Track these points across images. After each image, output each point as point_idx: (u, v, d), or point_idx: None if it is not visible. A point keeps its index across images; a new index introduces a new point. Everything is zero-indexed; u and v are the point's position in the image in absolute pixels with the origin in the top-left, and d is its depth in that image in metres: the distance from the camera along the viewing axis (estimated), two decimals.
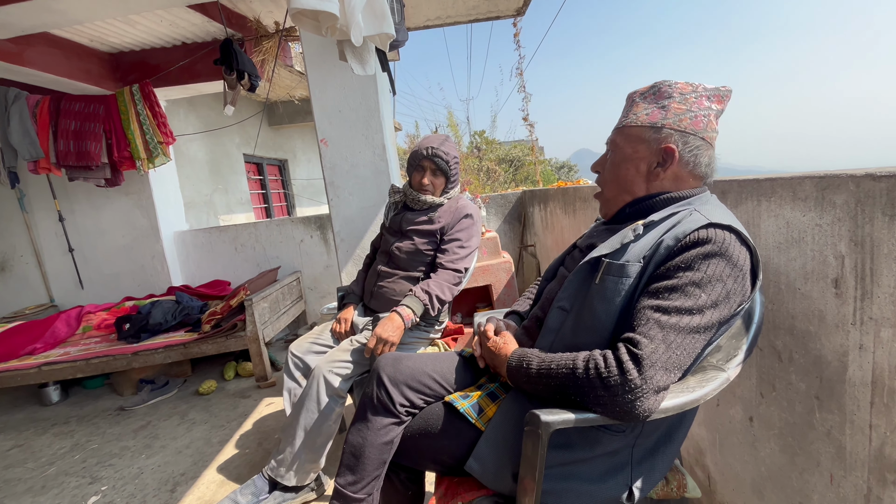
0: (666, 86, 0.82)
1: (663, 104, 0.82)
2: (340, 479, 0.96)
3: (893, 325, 0.69)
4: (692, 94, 0.81)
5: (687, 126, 0.80)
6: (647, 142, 0.82)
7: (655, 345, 0.67)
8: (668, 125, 0.81)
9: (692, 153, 0.81)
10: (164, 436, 2.10)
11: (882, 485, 0.75)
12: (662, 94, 0.82)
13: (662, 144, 0.81)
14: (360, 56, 1.72)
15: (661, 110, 0.81)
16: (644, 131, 0.83)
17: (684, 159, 0.81)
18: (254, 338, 2.50)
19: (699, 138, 0.81)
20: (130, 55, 3.14)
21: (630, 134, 0.85)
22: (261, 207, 5.79)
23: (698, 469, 1.31)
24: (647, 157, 0.83)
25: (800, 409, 0.91)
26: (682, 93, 0.81)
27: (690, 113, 0.81)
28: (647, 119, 0.82)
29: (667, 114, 0.81)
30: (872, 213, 0.71)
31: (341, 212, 2.31)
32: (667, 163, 0.82)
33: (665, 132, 0.81)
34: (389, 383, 0.95)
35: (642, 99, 0.85)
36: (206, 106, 4.48)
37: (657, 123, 0.81)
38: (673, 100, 0.81)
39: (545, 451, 0.70)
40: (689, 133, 0.81)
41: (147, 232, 3.38)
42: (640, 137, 0.83)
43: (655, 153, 0.82)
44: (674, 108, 0.81)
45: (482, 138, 12.43)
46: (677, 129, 0.81)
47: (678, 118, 0.81)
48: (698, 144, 0.81)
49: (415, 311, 1.42)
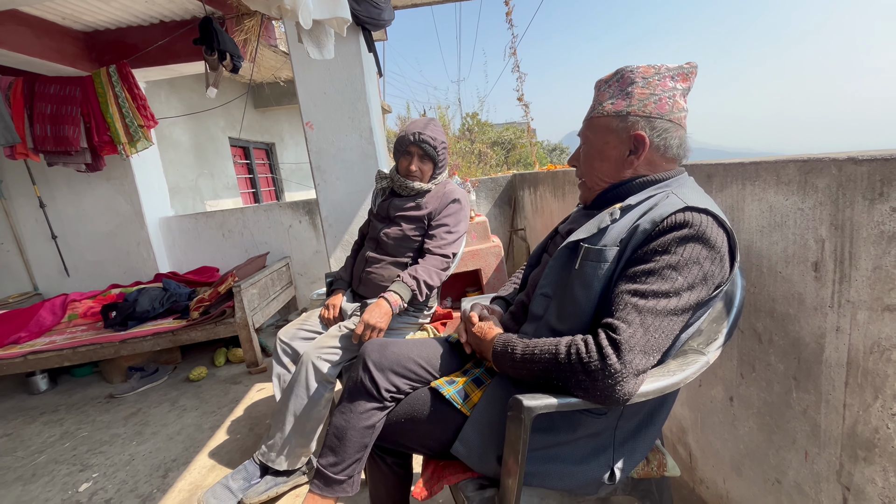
0: (628, 71, 0.81)
1: (627, 90, 0.81)
2: (322, 459, 0.97)
3: (869, 308, 0.71)
4: (655, 76, 0.80)
5: (652, 111, 0.80)
6: (615, 131, 0.82)
7: (633, 329, 0.67)
8: (633, 112, 0.80)
9: (661, 137, 0.80)
10: (155, 422, 2.10)
11: (853, 461, 0.77)
12: (626, 81, 0.81)
13: (631, 132, 0.81)
14: (316, 39, 1.66)
15: (626, 97, 0.81)
16: (611, 121, 0.82)
17: (654, 144, 0.81)
18: (243, 324, 2.49)
19: (666, 121, 0.80)
20: (106, 34, 3.01)
21: (598, 125, 0.84)
22: (248, 192, 5.70)
23: (680, 447, 1.35)
24: (618, 147, 0.83)
25: (778, 389, 0.93)
26: (645, 77, 0.80)
27: (654, 97, 0.79)
28: (612, 108, 0.82)
29: (631, 100, 0.80)
30: (853, 197, 0.71)
31: (329, 197, 2.28)
32: (639, 150, 0.81)
33: (631, 119, 0.80)
34: (375, 369, 0.95)
35: (607, 87, 0.84)
36: (188, 88, 4.35)
37: (622, 111, 0.81)
38: (636, 85, 0.80)
39: (528, 434, 0.71)
40: (655, 117, 0.80)
41: (131, 218, 3.32)
42: (608, 128, 0.83)
43: (625, 142, 0.82)
44: (637, 94, 0.80)
45: (475, 120, 12.29)
46: (643, 115, 0.80)
47: (642, 104, 0.80)
48: (666, 127, 0.80)
49: (402, 296, 1.41)
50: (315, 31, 1.64)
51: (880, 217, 0.67)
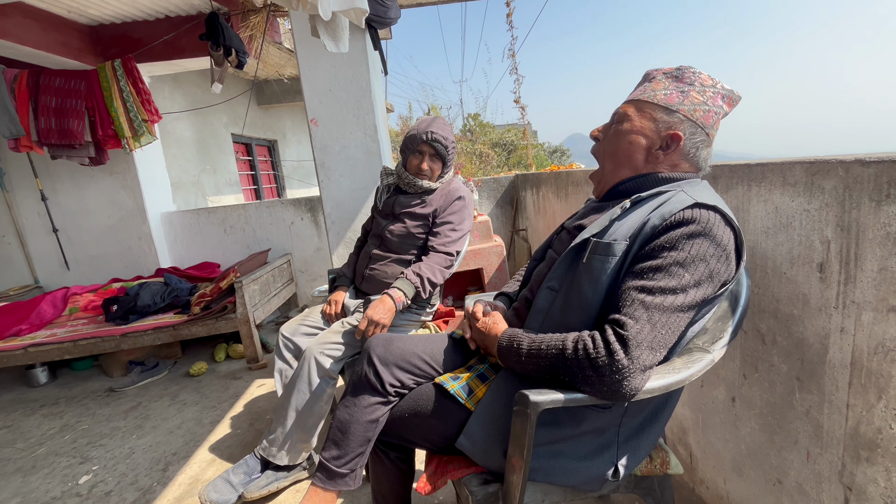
0: (690, 72, 0.82)
1: (683, 89, 0.81)
2: (326, 452, 0.98)
3: (874, 309, 0.71)
4: (711, 88, 0.81)
5: (699, 118, 0.81)
6: (657, 121, 0.82)
7: (640, 325, 0.68)
8: (682, 111, 0.81)
9: (695, 145, 0.82)
10: (155, 416, 2.10)
11: (856, 462, 0.78)
12: (685, 80, 0.82)
13: (671, 130, 0.81)
14: (332, 32, 1.67)
15: (680, 94, 0.81)
16: (657, 110, 0.82)
17: (686, 149, 0.82)
18: (244, 320, 2.49)
19: (705, 133, 0.82)
20: (111, 28, 3.01)
21: (644, 109, 0.84)
22: (250, 189, 5.70)
23: (681, 447, 1.35)
24: (652, 137, 0.83)
25: (780, 389, 0.93)
26: (703, 84, 0.81)
27: (705, 106, 0.81)
28: (664, 98, 0.82)
29: (684, 99, 0.81)
30: (860, 199, 0.72)
31: (332, 194, 2.29)
32: (670, 148, 0.82)
33: (677, 118, 0.81)
34: (379, 363, 0.95)
35: (664, 77, 0.84)
36: (192, 83, 4.35)
37: (672, 106, 0.81)
38: (693, 88, 0.81)
39: (533, 430, 0.71)
40: (699, 125, 0.81)
41: (133, 212, 3.32)
42: (652, 116, 0.82)
43: (662, 136, 0.82)
44: (692, 97, 0.81)
45: (476, 121, 12.30)
46: (689, 118, 0.81)
47: (693, 107, 0.80)
48: (703, 139, 0.82)
49: (406, 293, 1.42)
50: (332, 23, 1.65)
51: (887, 218, 0.68)
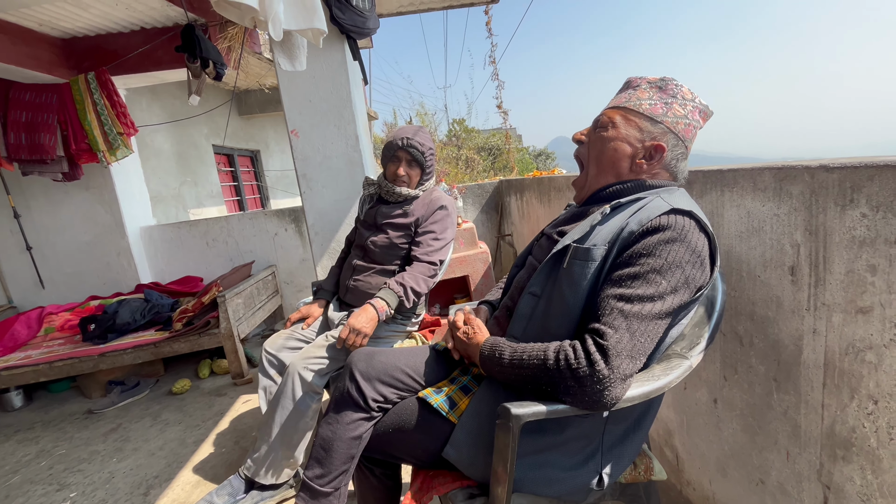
0: (673, 84, 0.83)
1: (667, 101, 0.83)
2: (309, 471, 0.96)
3: (843, 311, 0.73)
4: (691, 102, 0.83)
5: (681, 131, 0.82)
6: (641, 131, 0.83)
7: (620, 334, 0.68)
8: (666, 123, 0.82)
9: (675, 157, 0.83)
10: (136, 438, 2.04)
11: (833, 460, 0.79)
12: (668, 91, 0.83)
13: (655, 140, 0.82)
14: (288, 51, 1.65)
15: (664, 105, 0.82)
16: (642, 119, 0.83)
17: (667, 160, 0.83)
18: (228, 335, 2.44)
19: (684, 146, 0.83)
20: (85, 41, 2.95)
21: (629, 117, 0.84)
22: (233, 200, 5.62)
23: (667, 450, 1.36)
24: (636, 146, 0.84)
25: (759, 390, 0.95)
26: (685, 98, 0.83)
27: (686, 120, 0.82)
28: (649, 108, 0.83)
29: (668, 111, 0.82)
30: (826, 204, 0.74)
31: (315, 204, 2.27)
32: (653, 158, 0.83)
33: (660, 128, 0.82)
34: (362, 378, 0.94)
35: (649, 86, 0.85)
36: (170, 95, 4.29)
37: (657, 117, 0.82)
38: (676, 100, 0.82)
39: (516, 443, 0.71)
40: (681, 138, 0.82)
41: (111, 228, 3.24)
42: (637, 124, 0.83)
43: (646, 146, 0.83)
44: (675, 109, 0.82)
45: (461, 127, 12.35)
46: (672, 131, 0.82)
47: (676, 120, 0.82)
48: (682, 151, 0.83)
49: (389, 303, 1.41)
50: (287, 42, 1.63)
51: (851, 222, 0.69)
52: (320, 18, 1.51)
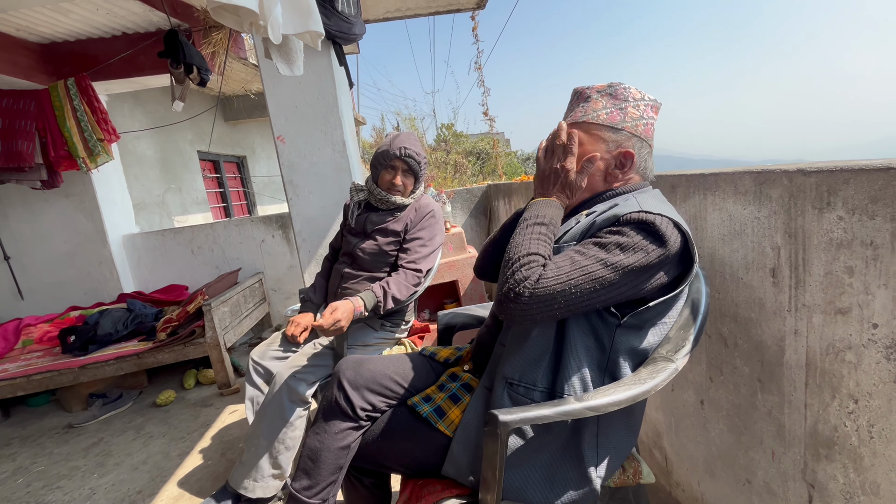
0: (622, 88, 0.83)
1: (621, 106, 0.82)
2: (296, 483, 0.94)
3: (823, 311, 0.74)
4: (642, 101, 0.83)
5: (641, 132, 0.83)
6: (606, 142, 0.83)
7: (558, 271, 0.71)
8: (626, 128, 0.82)
9: (643, 159, 0.84)
10: (119, 452, 1.98)
11: (816, 459, 0.80)
12: (619, 96, 0.83)
13: (622, 148, 0.82)
14: (286, 55, 1.64)
15: (620, 111, 0.82)
16: (604, 130, 0.83)
17: (637, 164, 0.84)
18: (214, 344, 2.40)
19: (648, 145, 0.84)
20: (65, 46, 2.90)
21: (591, 131, 0.83)
22: (219, 207, 5.55)
23: (656, 451, 1.37)
24: (607, 158, 0.84)
25: (744, 391, 0.96)
26: (635, 98, 0.83)
27: (643, 120, 0.83)
28: (607, 118, 0.82)
29: (625, 116, 0.82)
30: (804, 207, 0.75)
31: (302, 211, 2.25)
32: (625, 166, 0.83)
33: (623, 135, 0.82)
34: (350, 387, 0.93)
35: (600, 95, 0.84)
36: (153, 100, 4.23)
37: (617, 125, 0.82)
38: (629, 103, 0.83)
39: (505, 449, 0.71)
40: (643, 139, 0.83)
41: (92, 236, 3.17)
42: (601, 136, 0.83)
43: (614, 156, 0.83)
44: (630, 112, 0.82)
45: (450, 131, 12.38)
46: (634, 134, 0.82)
47: (634, 123, 0.82)
48: (647, 150, 0.84)
49: (366, 304, 1.37)
50: (284, 46, 1.62)
51: (829, 225, 0.71)
52: (316, 21, 1.51)
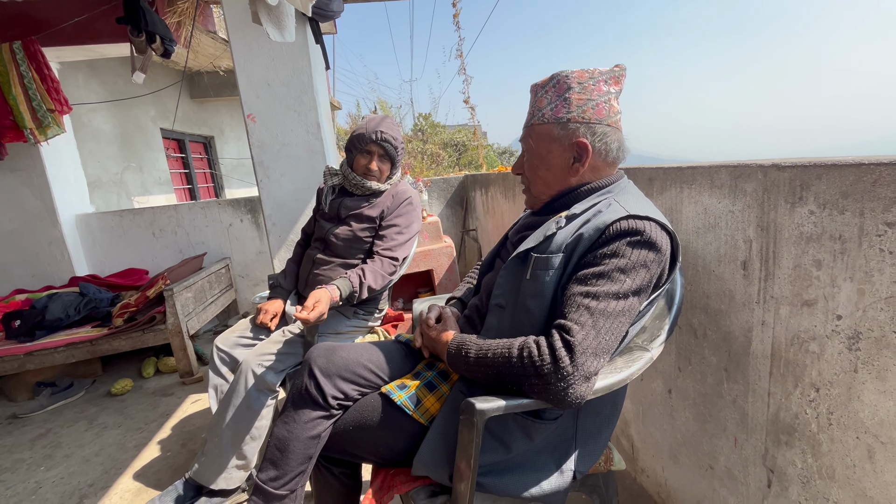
0: (563, 77, 0.81)
1: (564, 96, 0.80)
2: (262, 474, 0.91)
3: (790, 303, 0.76)
4: (590, 80, 0.80)
5: (591, 116, 0.80)
6: (557, 140, 0.82)
7: (586, 331, 0.68)
8: (573, 118, 0.80)
9: (602, 142, 0.81)
10: (69, 444, 1.87)
11: (777, 445, 0.83)
12: (562, 86, 0.81)
13: (573, 139, 0.81)
14: (276, 19, 1.56)
15: (564, 103, 0.80)
16: (552, 128, 0.81)
17: (597, 149, 0.81)
18: (176, 331, 2.29)
19: (605, 125, 0.81)
20: (10, 7, 2.65)
21: (540, 133, 0.83)
22: (184, 188, 5.29)
23: (623, 439, 1.41)
24: (562, 155, 0.82)
25: (711, 380, 0.99)
26: (580, 82, 0.80)
27: (591, 102, 0.80)
28: (552, 115, 0.81)
29: (570, 106, 0.80)
30: (777, 201, 0.77)
31: (272, 194, 2.16)
32: (583, 157, 0.81)
33: (572, 126, 0.80)
34: (321, 375, 0.90)
35: (544, 93, 0.83)
36: (111, 71, 3.95)
37: (562, 118, 0.80)
38: (573, 91, 0.80)
39: (480, 438, 0.70)
40: (595, 123, 0.80)
41: (41, 215, 2.94)
42: (551, 136, 0.82)
43: (569, 149, 0.82)
44: (575, 100, 0.80)
45: (427, 121, 12.25)
46: (583, 122, 0.80)
47: (581, 109, 0.80)
48: (605, 132, 0.81)
49: (342, 292, 1.33)
50: (276, 9, 1.54)
51: (800, 219, 0.73)
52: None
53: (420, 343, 0.96)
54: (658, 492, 1.25)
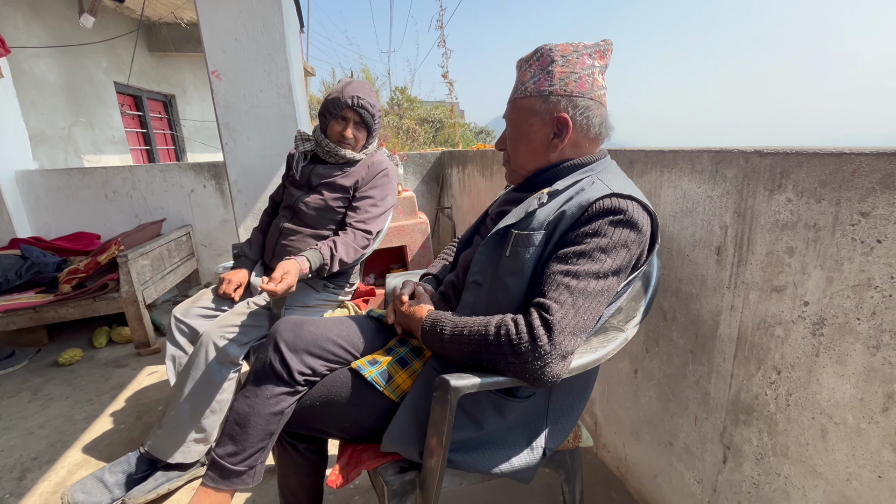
0: (547, 50, 0.80)
1: (547, 69, 0.79)
2: (220, 449, 0.87)
3: (760, 289, 0.78)
4: (573, 53, 0.79)
5: (573, 89, 0.78)
6: (539, 113, 0.80)
7: (565, 310, 0.67)
8: (555, 91, 0.78)
9: (583, 116, 0.79)
10: (10, 416, 1.75)
11: (735, 424, 0.87)
12: (545, 60, 0.80)
13: (555, 114, 0.79)
14: None
15: (547, 76, 0.79)
16: (534, 102, 0.80)
17: (577, 123, 0.80)
18: (131, 300, 2.16)
19: (587, 99, 0.79)
20: None
21: (522, 107, 0.82)
22: (141, 149, 4.95)
23: (587, 416, 1.45)
24: (543, 130, 0.81)
25: (677, 361, 1.01)
26: (564, 55, 0.79)
27: (574, 75, 0.78)
28: (534, 88, 0.80)
29: (552, 79, 0.79)
30: (756, 188, 0.77)
31: (238, 158, 2.03)
32: (563, 132, 0.80)
33: (553, 99, 0.79)
34: (287, 350, 0.86)
35: (528, 67, 0.82)
36: (56, 14, 3.58)
37: (544, 91, 0.79)
38: (556, 64, 0.79)
39: (454, 415, 0.68)
40: (577, 96, 0.78)
41: None
42: (532, 109, 0.81)
43: (549, 124, 0.80)
44: (558, 73, 0.79)
45: (404, 95, 11.91)
46: (564, 94, 0.78)
47: (563, 82, 0.78)
48: (588, 105, 0.79)
49: (311, 264, 1.28)
50: None
51: (777, 206, 0.74)
52: None
53: (393, 319, 0.93)
54: (617, 466, 1.30)
